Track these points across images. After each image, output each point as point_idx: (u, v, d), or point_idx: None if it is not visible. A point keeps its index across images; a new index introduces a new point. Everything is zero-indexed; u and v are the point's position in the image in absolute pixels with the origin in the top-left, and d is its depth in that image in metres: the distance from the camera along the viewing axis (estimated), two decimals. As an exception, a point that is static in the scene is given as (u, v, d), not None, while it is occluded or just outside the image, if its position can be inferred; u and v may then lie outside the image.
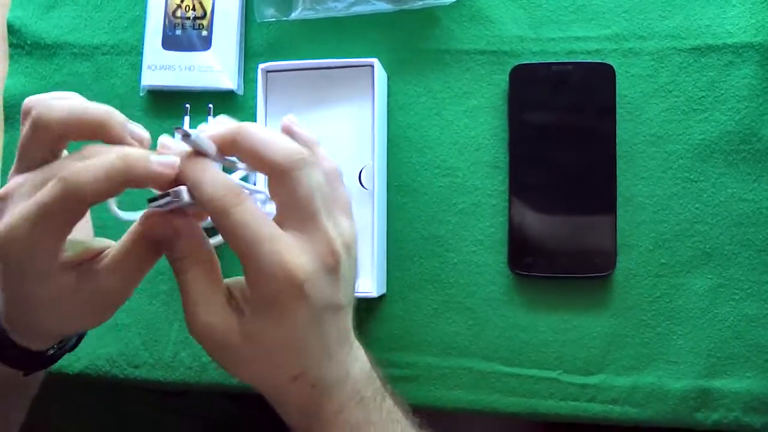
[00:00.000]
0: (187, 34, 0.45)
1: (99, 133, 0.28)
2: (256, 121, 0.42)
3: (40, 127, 0.27)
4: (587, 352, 0.42)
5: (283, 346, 0.28)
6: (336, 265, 0.28)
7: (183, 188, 0.27)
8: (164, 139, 0.29)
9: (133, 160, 0.27)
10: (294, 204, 0.28)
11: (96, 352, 0.46)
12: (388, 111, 0.44)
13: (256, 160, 0.28)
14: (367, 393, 0.31)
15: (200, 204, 0.27)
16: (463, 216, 0.43)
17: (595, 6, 0.43)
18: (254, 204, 0.27)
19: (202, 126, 0.33)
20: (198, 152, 0.28)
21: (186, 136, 0.27)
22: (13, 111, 0.48)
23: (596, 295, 0.42)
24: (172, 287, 0.46)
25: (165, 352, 0.45)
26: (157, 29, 0.45)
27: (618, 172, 0.42)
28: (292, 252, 0.27)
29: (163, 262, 0.46)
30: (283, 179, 0.27)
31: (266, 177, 0.28)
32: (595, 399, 0.42)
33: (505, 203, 0.43)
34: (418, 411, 0.34)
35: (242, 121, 0.29)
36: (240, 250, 0.27)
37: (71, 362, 0.46)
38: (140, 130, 0.29)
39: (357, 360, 0.31)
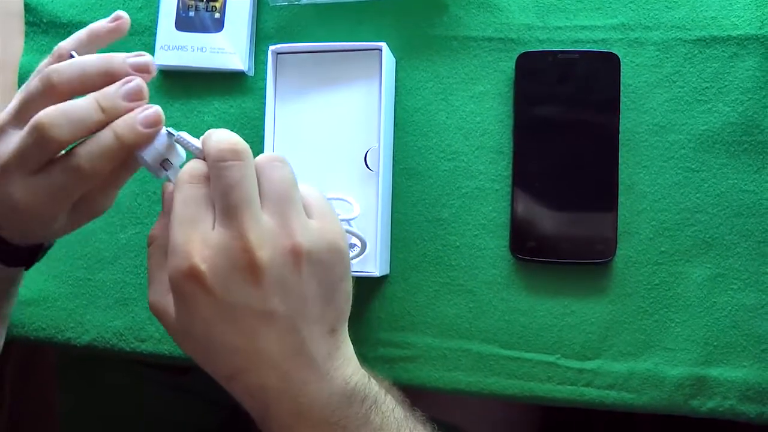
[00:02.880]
0: (199, 15, 0.46)
1: (107, 81, 0.30)
2: (265, 101, 0.43)
3: (49, 89, 0.30)
4: (585, 337, 0.42)
5: (203, 337, 0.28)
6: (251, 266, 0.27)
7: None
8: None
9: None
10: (216, 196, 0.28)
11: (103, 325, 0.47)
12: (395, 95, 0.45)
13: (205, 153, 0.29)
14: (331, 419, 0.28)
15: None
16: (467, 200, 0.44)
17: (602, -5, 0.44)
18: (194, 190, 0.28)
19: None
20: None
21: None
22: (29, 88, 0.49)
23: (596, 281, 0.42)
24: (179, 263, 0.47)
25: (171, 327, 0.46)
26: (170, 10, 0.46)
27: (620, 161, 0.42)
28: (203, 239, 0.27)
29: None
30: (211, 170, 0.28)
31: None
32: (591, 384, 0.42)
33: (509, 188, 0.43)
34: (418, 393, 0.34)
35: (253, 102, 0.30)
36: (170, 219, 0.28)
37: (79, 335, 0.47)
38: (140, 59, 0.31)
39: (322, 380, 0.28)
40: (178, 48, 0.46)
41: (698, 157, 0.42)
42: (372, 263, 0.41)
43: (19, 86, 0.49)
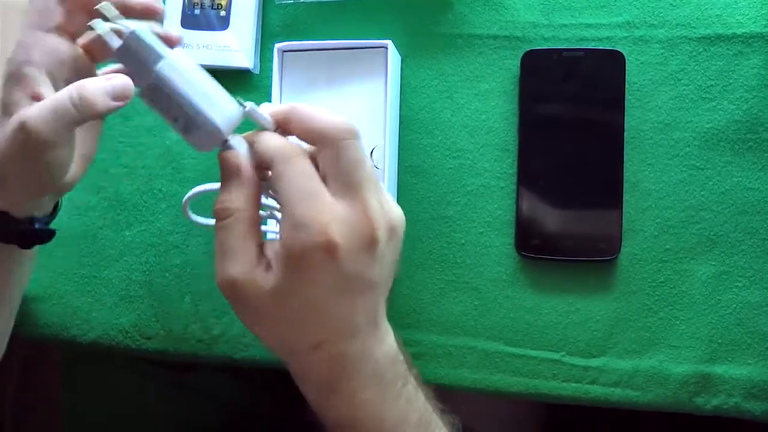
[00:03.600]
0: (205, 13, 0.46)
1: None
2: (270, 99, 0.43)
3: None
4: (590, 334, 0.42)
5: (308, 308, 0.28)
6: (373, 240, 0.28)
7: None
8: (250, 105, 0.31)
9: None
10: (339, 172, 0.28)
11: (109, 322, 0.47)
12: (400, 93, 0.45)
13: (307, 131, 0.29)
14: (387, 376, 0.31)
15: (263, 159, 0.29)
16: (472, 197, 0.44)
17: (607, -6, 0.44)
18: (307, 165, 0.28)
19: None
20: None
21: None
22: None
23: (601, 278, 0.43)
24: (184, 261, 0.47)
25: (176, 325, 0.46)
26: (176, 8, 0.46)
27: (625, 158, 0.42)
28: (333, 213, 0.28)
29: (174, 237, 0.47)
30: (331, 147, 0.28)
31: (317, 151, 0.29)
32: (596, 381, 0.42)
33: (514, 186, 0.43)
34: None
35: (258, 99, 0.30)
36: (287, 198, 0.28)
37: (84, 332, 0.47)
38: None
39: (383, 343, 0.31)
40: (183, 46, 0.46)
41: (703, 154, 0.42)
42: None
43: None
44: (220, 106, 0.29)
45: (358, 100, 0.43)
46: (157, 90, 0.28)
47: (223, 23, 0.46)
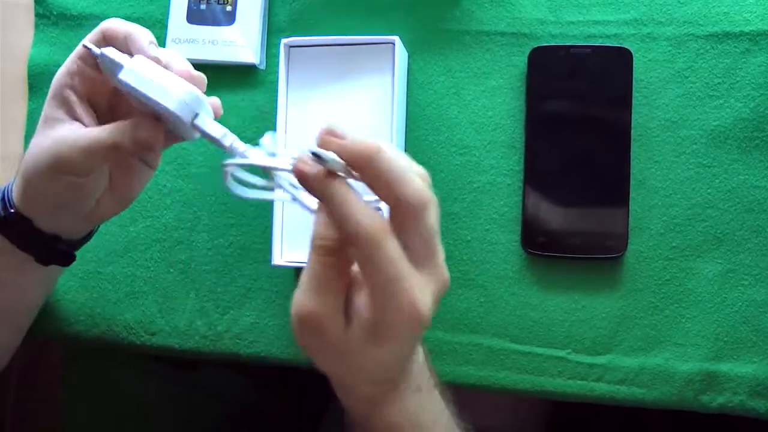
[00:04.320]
0: (211, 8, 0.46)
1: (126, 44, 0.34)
2: (276, 94, 0.43)
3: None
4: (596, 332, 0.42)
5: (379, 363, 0.30)
6: (440, 298, 0.30)
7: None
8: (267, 139, 0.31)
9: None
10: (420, 240, 0.28)
11: (113, 318, 0.47)
12: (407, 89, 0.45)
13: (388, 191, 0.28)
14: (422, 383, 0.32)
15: (346, 232, 0.27)
16: (478, 194, 0.44)
17: (614, -10, 0.44)
18: (396, 247, 0.28)
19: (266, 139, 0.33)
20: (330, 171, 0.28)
21: (318, 157, 0.27)
22: (38, 80, 0.49)
23: (607, 276, 0.42)
24: (189, 256, 0.46)
25: (181, 321, 0.46)
26: (182, 3, 0.46)
27: (632, 156, 0.42)
28: (421, 290, 0.28)
29: (179, 233, 0.46)
30: (413, 216, 0.28)
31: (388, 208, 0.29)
32: (602, 379, 0.42)
33: (520, 183, 0.43)
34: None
35: (264, 95, 0.30)
36: (377, 280, 0.27)
37: (88, 328, 0.47)
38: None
39: (418, 353, 0.33)
40: (189, 41, 0.46)
41: (710, 152, 0.42)
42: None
43: (29, 78, 0.49)
44: (172, 93, 0.32)
45: (364, 96, 0.42)
46: (127, 92, 0.33)
47: (229, 18, 0.46)
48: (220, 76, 0.46)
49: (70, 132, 0.34)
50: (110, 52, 0.33)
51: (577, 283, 0.43)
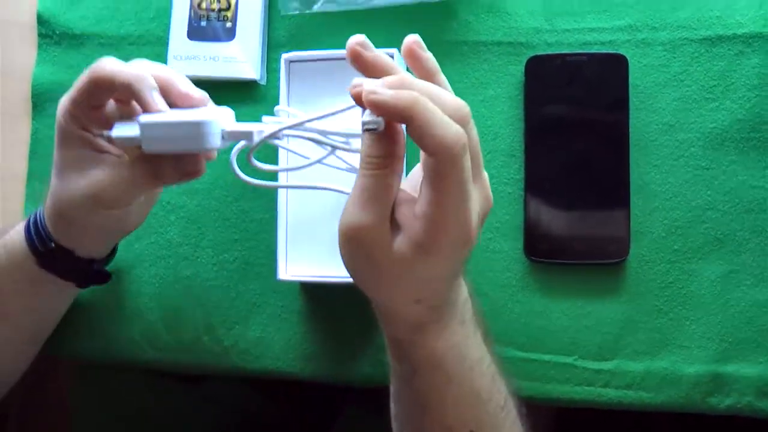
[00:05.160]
0: (211, 25, 0.46)
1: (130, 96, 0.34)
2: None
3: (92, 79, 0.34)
4: (602, 337, 0.43)
5: (426, 279, 0.30)
6: (486, 215, 0.32)
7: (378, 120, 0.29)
8: None
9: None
10: (473, 153, 0.30)
11: (119, 334, 0.47)
12: (406, 100, 0.45)
13: (424, 138, 0.27)
14: (466, 317, 0.33)
15: (425, 144, 0.27)
16: (480, 203, 0.44)
17: (608, -2, 0.44)
18: (468, 164, 0.28)
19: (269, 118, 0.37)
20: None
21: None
22: (41, 99, 0.49)
23: (610, 281, 0.43)
24: (194, 272, 0.47)
25: (187, 336, 0.46)
26: (182, 20, 0.46)
27: (631, 161, 0.43)
28: (475, 210, 0.30)
29: (184, 249, 0.47)
30: (448, 164, 0.28)
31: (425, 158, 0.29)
32: (609, 384, 0.42)
33: (521, 191, 0.44)
34: None
35: (265, 110, 0.31)
36: (446, 194, 0.28)
37: (95, 344, 0.47)
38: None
39: (462, 286, 0.34)
40: (190, 57, 0.46)
41: (708, 155, 0.43)
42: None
43: (32, 97, 0.49)
44: (197, 137, 0.33)
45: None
46: (147, 129, 0.33)
47: (230, 34, 0.46)
48: (222, 92, 0.46)
49: (106, 173, 0.35)
50: (120, 131, 0.34)
51: (580, 289, 0.43)
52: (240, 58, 0.46)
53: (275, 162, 0.43)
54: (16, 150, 0.49)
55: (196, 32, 0.46)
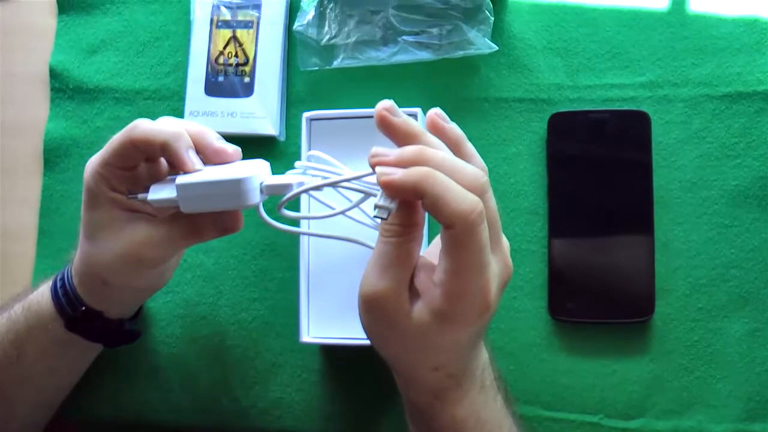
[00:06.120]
0: (229, 80, 0.46)
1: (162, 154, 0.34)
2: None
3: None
4: (628, 396, 0.42)
5: (444, 346, 0.30)
6: (506, 284, 0.31)
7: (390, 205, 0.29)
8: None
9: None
10: (491, 223, 0.29)
11: (134, 396, 0.45)
12: (428, 157, 0.45)
13: (438, 211, 0.27)
14: (486, 382, 0.33)
15: (440, 217, 0.28)
16: (504, 261, 0.44)
17: (629, 54, 0.44)
18: (486, 233, 0.28)
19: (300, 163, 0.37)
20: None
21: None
22: (53, 154, 0.48)
23: (636, 339, 0.42)
24: (213, 332, 0.46)
25: (205, 397, 0.45)
26: (199, 75, 0.46)
27: (655, 218, 0.42)
28: (494, 278, 0.29)
29: (201, 308, 0.46)
30: (464, 235, 0.28)
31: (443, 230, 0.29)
32: (635, 443, 0.42)
33: (545, 249, 0.43)
34: None
35: (284, 167, 0.33)
36: (464, 263, 0.28)
37: (109, 407, 0.46)
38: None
39: (482, 353, 0.34)
40: (207, 113, 0.45)
41: (730, 212, 0.42)
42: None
43: (45, 152, 0.48)
44: (236, 195, 0.32)
45: (387, 166, 0.42)
46: (185, 190, 0.33)
47: (248, 90, 0.45)
48: (240, 148, 0.46)
49: (144, 233, 0.34)
50: (156, 194, 0.33)
51: (606, 348, 0.43)
52: (258, 113, 0.45)
53: (297, 209, 0.42)
54: (25, 206, 0.48)
55: (213, 88, 0.46)
